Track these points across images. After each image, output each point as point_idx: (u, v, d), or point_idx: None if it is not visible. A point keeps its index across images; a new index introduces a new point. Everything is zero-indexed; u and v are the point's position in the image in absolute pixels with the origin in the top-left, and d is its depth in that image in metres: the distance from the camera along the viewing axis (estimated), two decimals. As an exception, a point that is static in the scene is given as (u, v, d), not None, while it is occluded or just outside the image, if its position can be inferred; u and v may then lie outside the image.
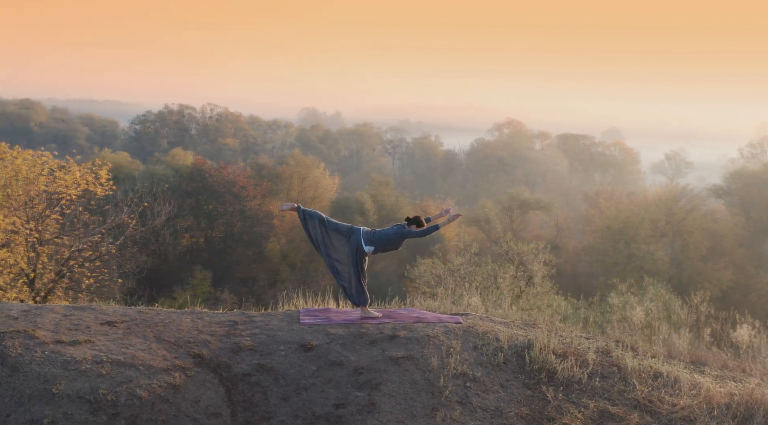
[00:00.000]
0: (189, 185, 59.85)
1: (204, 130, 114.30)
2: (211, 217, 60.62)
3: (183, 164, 63.40)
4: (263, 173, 64.93)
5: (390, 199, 60.92)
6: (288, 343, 8.09)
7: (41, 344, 7.40)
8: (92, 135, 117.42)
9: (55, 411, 6.58)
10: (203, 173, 60.70)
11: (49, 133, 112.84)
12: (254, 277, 57.96)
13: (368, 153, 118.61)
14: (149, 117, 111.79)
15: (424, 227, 8.98)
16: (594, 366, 8.31)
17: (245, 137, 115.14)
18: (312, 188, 66.59)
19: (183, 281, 53.89)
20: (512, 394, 7.61)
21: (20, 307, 8.47)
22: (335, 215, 60.44)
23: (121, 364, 7.26)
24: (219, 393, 7.22)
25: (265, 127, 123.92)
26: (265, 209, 61.34)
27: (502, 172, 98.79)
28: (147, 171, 61.57)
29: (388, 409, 7.04)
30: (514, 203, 59.86)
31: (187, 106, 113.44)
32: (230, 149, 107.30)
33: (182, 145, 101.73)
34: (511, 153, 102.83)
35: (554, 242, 58.72)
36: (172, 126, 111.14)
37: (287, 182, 65.71)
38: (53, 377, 6.93)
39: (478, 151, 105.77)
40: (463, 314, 9.48)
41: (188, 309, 9.14)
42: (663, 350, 9.74)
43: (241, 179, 61.01)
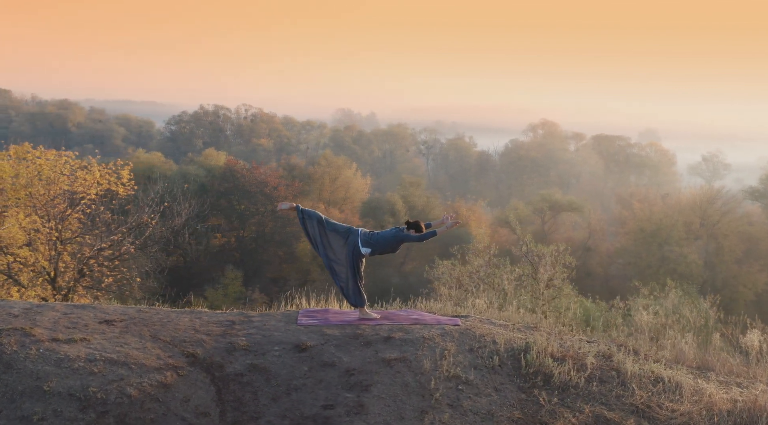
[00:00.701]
0: (221, 185, 60.32)
1: (238, 130, 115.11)
2: (243, 217, 61.02)
3: (216, 164, 63.92)
4: (295, 173, 65.22)
5: (421, 200, 60.82)
6: (283, 343, 8.10)
7: (37, 341, 7.49)
8: (128, 135, 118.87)
9: (45, 408, 6.65)
10: (235, 173, 61.12)
11: (87, 133, 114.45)
12: (285, 277, 58.21)
13: (402, 154, 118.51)
14: (184, 118, 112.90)
15: (422, 232, 8.91)
16: (592, 370, 8.19)
17: (279, 138, 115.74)
18: (343, 188, 66.74)
19: (214, 281, 54.32)
20: (506, 398, 7.53)
21: (22, 305, 8.58)
22: (366, 215, 60.57)
23: (114, 362, 7.32)
24: (209, 392, 7.24)
25: (299, 127, 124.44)
26: (296, 209, 61.48)
27: (535, 173, 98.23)
28: (180, 171, 62.15)
29: (377, 411, 7.01)
30: (546, 205, 59.44)
31: (222, 106, 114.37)
32: (264, 149, 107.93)
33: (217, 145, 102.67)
34: (545, 154, 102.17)
35: (586, 243, 58.27)
36: (207, 127, 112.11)
37: (319, 182, 65.95)
38: (46, 374, 7.00)
39: (512, 152, 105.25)
40: (463, 317, 9.41)
41: (188, 309, 9.19)
42: (670, 354, 9.59)
43: (272, 179, 61.33)
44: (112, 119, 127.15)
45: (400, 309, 9.76)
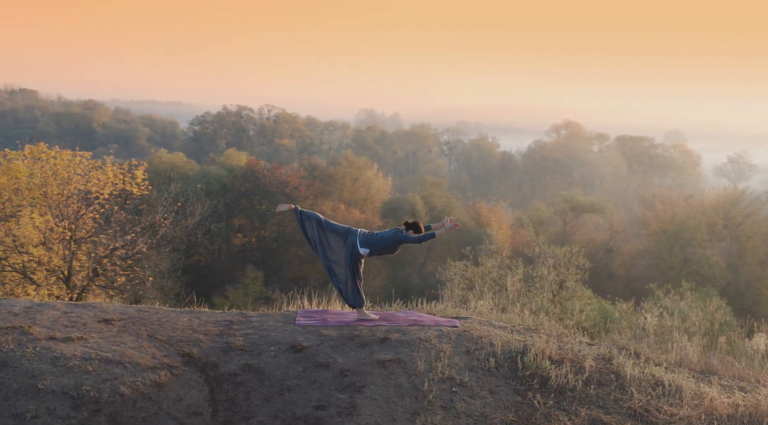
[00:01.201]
0: (242, 185, 60.56)
1: (261, 131, 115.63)
2: (263, 217, 61.20)
3: (237, 164, 64.19)
4: (316, 173, 65.35)
5: (441, 200, 60.70)
6: (279, 344, 8.10)
7: (34, 340, 7.55)
8: (153, 135, 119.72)
9: (39, 406, 6.70)
10: (256, 173, 61.33)
11: (111, 133, 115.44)
12: (305, 277, 58.28)
13: (424, 155, 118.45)
14: (207, 118, 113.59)
15: (421, 234, 8.88)
16: (591, 373, 8.12)
17: (302, 138, 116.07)
18: (364, 188, 66.76)
19: (235, 280, 54.55)
20: (500, 400, 7.48)
21: (23, 303, 8.65)
22: (386, 216, 60.57)
23: (109, 361, 7.36)
24: (203, 392, 7.26)
25: (322, 128, 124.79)
26: (317, 209, 61.63)
27: (558, 174, 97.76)
28: (201, 171, 62.51)
29: (368, 412, 6.99)
30: (567, 206, 59.13)
31: (245, 107, 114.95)
32: (287, 149, 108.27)
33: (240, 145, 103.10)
34: (569, 155, 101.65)
35: (608, 245, 57.87)
36: (230, 127, 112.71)
37: (339, 182, 66.03)
38: (40, 372, 7.05)
39: (535, 153, 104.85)
40: (463, 318, 9.36)
41: (187, 309, 9.22)
42: (674, 358, 9.47)
43: (293, 179, 61.49)
44: (137, 120, 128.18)
45: (399, 310, 9.73)
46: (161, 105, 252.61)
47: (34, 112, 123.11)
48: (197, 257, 56.79)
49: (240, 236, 61.88)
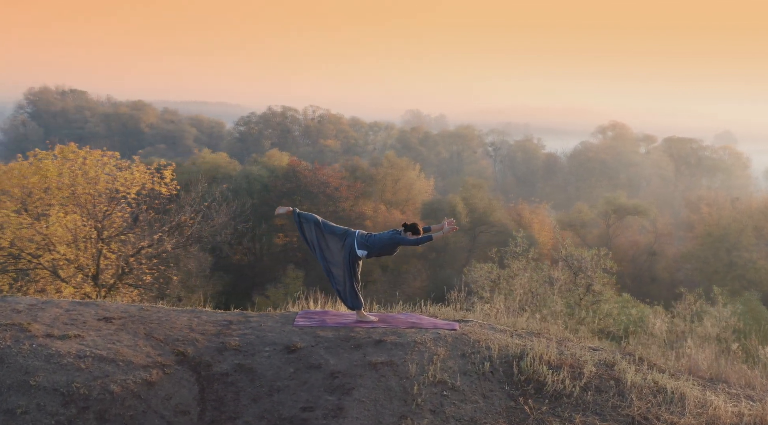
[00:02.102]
0: (284, 186, 60.94)
1: (306, 131, 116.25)
2: (305, 217, 61.39)
3: (279, 164, 64.61)
4: (357, 174, 65.47)
5: (483, 202, 60.32)
6: (274, 344, 8.11)
7: (31, 337, 7.66)
8: (200, 136, 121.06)
9: (29, 402, 6.79)
10: (298, 173, 61.65)
11: (159, 134, 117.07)
12: (346, 277, 58.43)
13: (469, 156, 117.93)
14: (253, 119, 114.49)
15: (419, 236, 8.80)
16: (590, 379, 7.96)
17: (346, 139, 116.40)
18: (405, 189, 66.71)
19: (276, 280, 54.88)
20: (492, 405, 7.37)
21: (28, 301, 8.79)
22: (427, 217, 60.40)
23: (103, 359, 7.43)
24: (192, 391, 7.29)
25: (367, 129, 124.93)
26: (357, 210, 61.82)
27: (604, 176, 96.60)
28: (243, 171, 63.04)
29: (355, 415, 6.95)
30: (611, 208, 58.33)
31: (289, 108, 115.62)
32: (331, 150, 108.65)
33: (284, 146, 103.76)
34: (615, 157, 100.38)
35: (651, 248, 57.00)
36: (275, 127, 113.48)
37: (381, 183, 66.06)
38: (34, 369, 7.15)
39: (581, 154, 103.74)
40: (464, 321, 9.26)
41: (189, 308, 9.28)
42: (683, 364, 9.26)
43: (334, 180, 61.67)
44: (184, 120, 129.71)
45: (399, 312, 9.67)
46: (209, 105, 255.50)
47: (84, 112, 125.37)
48: (239, 257, 57.33)
49: (281, 236, 62.21)
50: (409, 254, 59.05)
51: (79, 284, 17.66)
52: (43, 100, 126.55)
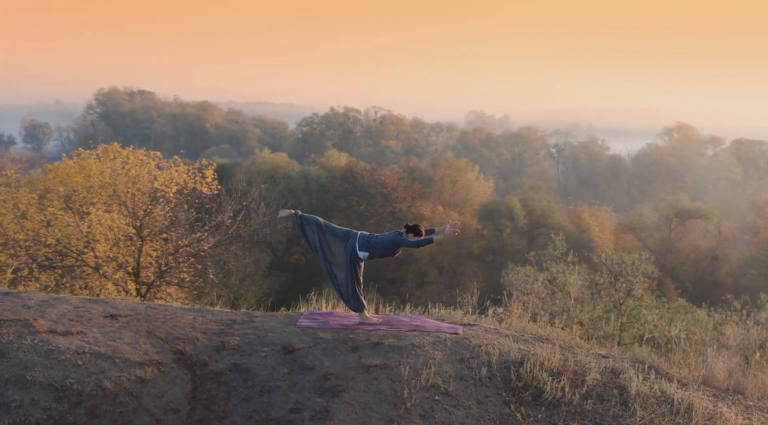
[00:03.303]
0: (341, 186, 61.23)
1: (367, 132, 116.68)
2: (362, 217, 61.65)
3: (337, 165, 64.95)
4: (415, 175, 65.44)
5: (541, 204, 59.65)
6: (273, 345, 8.11)
7: (34, 333, 7.81)
8: (263, 136, 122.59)
9: (24, 397, 6.92)
10: (355, 174, 61.88)
11: (224, 134, 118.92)
12: (402, 278, 58.41)
13: (531, 157, 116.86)
14: (315, 119, 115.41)
15: (421, 238, 8.70)
16: (592, 387, 7.75)
17: (407, 140, 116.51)
18: (463, 191, 66.39)
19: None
20: (486, 411, 7.23)
21: (40, 297, 8.98)
22: (484, 218, 60.04)
23: (100, 356, 7.53)
24: (185, 390, 7.34)
25: (428, 130, 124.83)
26: (414, 211, 61.74)
27: (669, 178, 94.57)
28: (302, 172, 63.54)
29: (342, 417, 6.89)
30: (672, 211, 57.09)
31: (351, 108, 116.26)
32: (392, 151, 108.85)
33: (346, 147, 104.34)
34: (680, 159, 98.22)
35: (714, 252, 55.61)
36: (336, 128, 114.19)
37: (439, 184, 65.90)
38: (32, 364, 7.29)
39: (645, 156, 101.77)
40: (469, 325, 9.13)
41: (196, 307, 9.34)
42: (700, 374, 8.96)
43: (391, 180, 61.72)
44: (248, 120, 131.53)
45: (405, 315, 9.58)
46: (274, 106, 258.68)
47: (151, 113, 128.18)
48: (296, 257, 57.77)
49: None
50: (464, 256, 58.82)
51: (120, 281, 18.00)
52: (112, 100, 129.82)
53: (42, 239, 18.16)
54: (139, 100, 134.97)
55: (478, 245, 58.54)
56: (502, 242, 59.14)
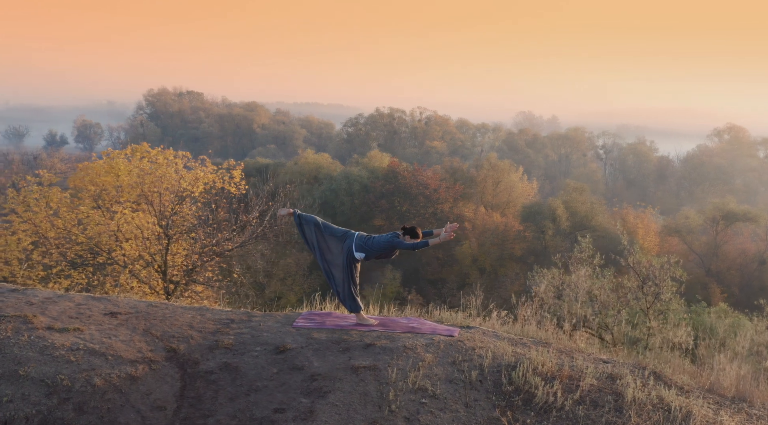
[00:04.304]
0: (383, 187, 61.26)
1: (413, 133, 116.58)
2: (404, 218, 61.57)
3: (379, 165, 64.98)
4: (457, 176, 65.19)
5: (584, 206, 58.96)
6: (266, 345, 8.13)
7: (32, 329, 7.94)
8: (309, 137, 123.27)
9: (16, 392, 7.03)
10: (397, 174, 61.87)
11: (270, 134, 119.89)
12: (443, 279, 58.26)
13: (578, 158, 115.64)
14: (360, 120, 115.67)
15: (417, 240, 8.64)
16: (586, 393, 7.59)
17: (452, 141, 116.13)
18: (506, 192, 65.95)
19: (373, 280, 55.21)
20: (474, 415, 7.13)
21: (45, 294, 9.13)
22: (526, 220, 59.55)
23: (93, 353, 7.62)
24: (174, 388, 7.38)
25: (474, 130, 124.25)
26: (456, 212, 61.53)
27: (719, 181, 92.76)
28: (344, 172, 63.70)
29: (325, 418, 6.86)
30: (719, 214, 56.01)
31: (397, 109, 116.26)
32: (437, 151, 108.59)
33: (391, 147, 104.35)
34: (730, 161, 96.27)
35: (762, 256, 54.43)
36: (382, 129, 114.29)
37: (481, 185, 65.55)
38: (26, 360, 7.40)
39: (694, 158, 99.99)
40: (467, 328, 9.03)
41: (196, 306, 9.39)
42: (706, 381, 8.74)
43: (433, 181, 61.57)
44: (294, 121, 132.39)
45: (403, 317, 9.52)
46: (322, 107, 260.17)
47: (199, 113, 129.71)
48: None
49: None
50: (506, 257, 58.40)
51: (148, 279, 18.23)
52: (161, 101, 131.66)
53: (73, 237, 18.49)
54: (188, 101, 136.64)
55: (520, 247, 58.07)
56: (544, 243, 58.59)
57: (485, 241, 58.54)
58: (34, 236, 18.60)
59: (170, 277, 18.41)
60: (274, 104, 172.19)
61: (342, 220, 58.20)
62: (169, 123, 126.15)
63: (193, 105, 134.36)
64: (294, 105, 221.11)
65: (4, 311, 8.31)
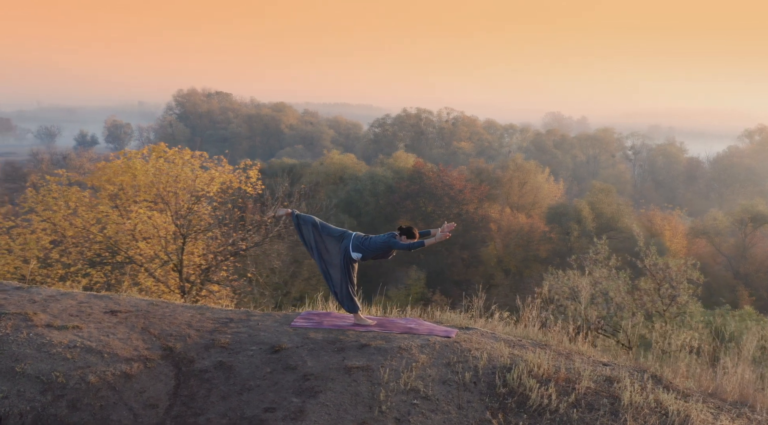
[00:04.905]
0: (408, 187, 61.20)
1: (440, 133, 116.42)
2: (428, 219, 61.47)
3: (404, 166, 64.95)
4: (483, 176, 64.99)
5: (610, 207, 58.48)
6: (262, 344, 8.15)
7: (31, 326, 8.02)
8: (337, 137, 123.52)
9: (11, 388, 7.11)
10: (422, 175, 61.78)
11: (298, 135, 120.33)
12: (468, 280, 58.01)
13: (607, 159, 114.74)
14: (387, 120, 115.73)
15: (414, 240, 8.61)
16: (581, 396, 7.51)
17: (480, 141, 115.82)
18: (532, 193, 65.64)
19: (398, 281, 55.18)
20: (465, 417, 7.08)
21: (48, 292, 9.23)
22: (552, 221, 59.18)
23: (90, 350, 7.69)
24: (168, 386, 7.42)
25: (502, 131, 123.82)
26: (481, 212, 61.34)
27: (748, 182, 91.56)
28: (369, 173, 63.74)
29: (314, 418, 6.86)
30: (747, 216, 55.30)
31: (424, 110, 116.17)
32: (464, 152, 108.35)
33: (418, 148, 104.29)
34: (762, 162, 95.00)
35: (791, 259, 53.70)
36: (409, 129, 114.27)
37: (507, 186, 65.31)
38: (24, 357, 7.48)
39: (724, 159, 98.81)
40: (466, 329, 8.98)
41: (197, 305, 9.44)
42: (708, 385, 8.61)
43: (458, 182, 61.41)
44: (322, 122, 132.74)
45: (402, 317, 9.49)
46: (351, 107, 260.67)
47: (228, 114, 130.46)
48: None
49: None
50: (531, 259, 58.08)
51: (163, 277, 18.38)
52: (190, 101, 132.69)
53: (91, 236, 18.68)
54: (217, 102, 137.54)
55: (546, 248, 57.74)
56: (569, 245, 58.17)
57: (510, 242, 58.29)
58: (53, 234, 18.82)
59: (186, 276, 18.54)
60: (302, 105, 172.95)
61: (367, 220, 58.27)
62: (197, 123, 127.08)
63: (221, 105, 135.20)
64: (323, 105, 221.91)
65: (5, 308, 8.41)
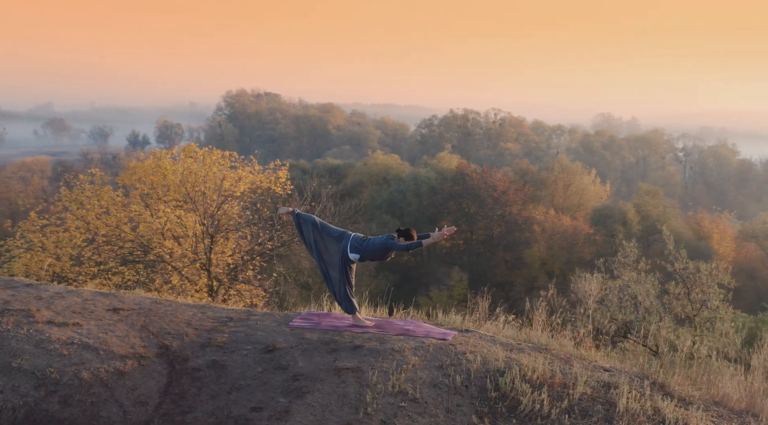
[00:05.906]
0: (451, 188, 61.00)
1: (487, 134, 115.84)
2: (472, 220, 61.25)
3: (447, 167, 64.79)
4: (527, 178, 64.51)
5: (656, 210, 57.58)
6: (258, 344, 8.17)
7: (32, 322, 8.17)
8: (383, 138, 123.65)
9: (7, 383, 7.24)
10: (466, 176, 61.54)
11: (345, 135, 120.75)
12: (511, 282, 57.67)
13: (656, 161, 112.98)
14: (434, 121, 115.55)
15: (411, 242, 8.55)
16: (576, 401, 7.36)
17: (527, 142, 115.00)
18: (577, 195, 64.96)
19: (440, 282, 55.07)
20: (453, 420, 6.99)
21: (55, 289, 9.38)
22: (596, 223, 58.46)
23: (87, 347, 7.79)
24: (160, 384, 7.48)
25: (549, 132, 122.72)
26: (525, 214, 60.88)
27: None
28: (412, 173, 63.69)
29: (299, 419, 6.85)
30: (795, 219, 54.10)
31: (471, 111, 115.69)
32: (511, 153, 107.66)
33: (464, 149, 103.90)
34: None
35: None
36: (455, 130, 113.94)
37: (551, 188, 64.74)
38: (21, 352, 7.62)
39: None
40: (464, 331, 8.88)
41: (200, 304, 9.50)
42: (713, 392, 8.38)
43: (502, 183, 61.03)
44: (370, 122, 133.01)
45: (401, 319, 9.42)
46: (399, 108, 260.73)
47: (276, 114, 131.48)
48: (406, 258, 57.94)
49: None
50: (575, 261, 57.43)
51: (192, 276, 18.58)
52: (239, 102, 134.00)
53: (122, 235, 18.98)
54: (265, 102, 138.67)
55: (590, 251, 57.03)
56: (614, 248, 57.37)
57: (554, 244, 57.72)
58: (86, 233, 19.15)
59: (215, 275, 18.71)
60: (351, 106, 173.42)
61: (410, 221, 58.19)
62: (246, 124, 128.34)
63: (270, 106, 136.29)
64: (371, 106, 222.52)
65: (11, 304, 8.58)
